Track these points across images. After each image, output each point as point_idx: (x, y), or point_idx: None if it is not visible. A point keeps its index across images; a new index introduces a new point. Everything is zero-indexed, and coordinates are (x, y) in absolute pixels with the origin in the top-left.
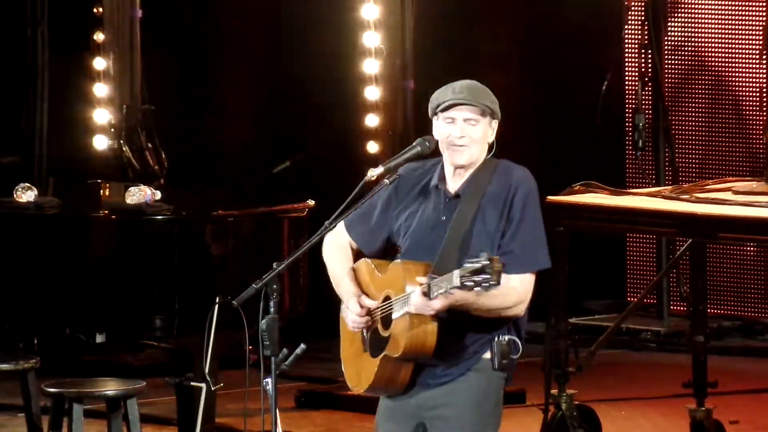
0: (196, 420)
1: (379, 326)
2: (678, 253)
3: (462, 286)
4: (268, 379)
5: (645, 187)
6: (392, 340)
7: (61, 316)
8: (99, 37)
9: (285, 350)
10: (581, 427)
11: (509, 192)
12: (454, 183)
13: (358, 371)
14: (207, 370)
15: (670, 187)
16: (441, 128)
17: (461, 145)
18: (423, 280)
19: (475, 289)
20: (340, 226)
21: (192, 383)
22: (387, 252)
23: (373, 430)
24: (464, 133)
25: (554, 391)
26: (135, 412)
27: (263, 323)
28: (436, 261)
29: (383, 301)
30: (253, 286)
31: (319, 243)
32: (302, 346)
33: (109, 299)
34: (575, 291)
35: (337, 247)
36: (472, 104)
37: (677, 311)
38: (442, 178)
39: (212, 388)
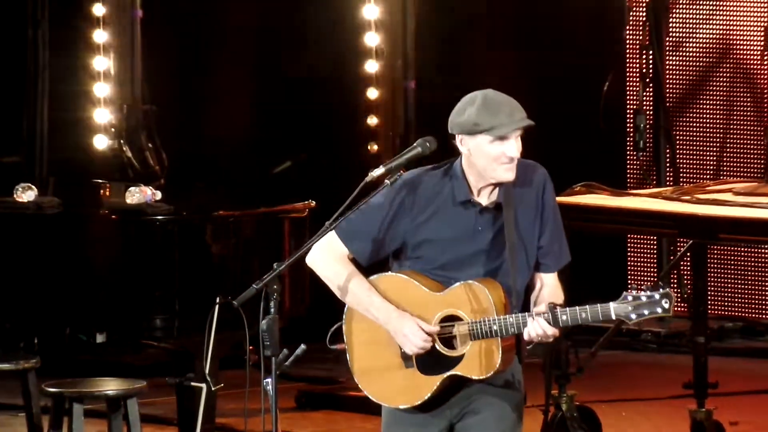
0: (196, 420)
1: (439, 345)
2: (679, 254)
3: (624, 319)
4: (269, 380)
5: (646, 188)
6: (474, 360)
7: (61, 316)
8: (100, 37)
9: (285, 351)
10: (581, 428)
11: (538, 192)
12: (485, 194)
13: (397, 387)
14: (207, 371)
15: (671, 188)
16: (488, 148)
17: (511, 163)
18: (541, 308)
19: (637, 319)
20: (334, 237)
21: (192, 383)
22: (381, 263)
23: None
24: (518, 149)
25: (555, 392)
26: (135, 412)
27: (264, 323)
28: (510, 279)
29: (443, 321)
30: (254, 286)
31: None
32: (302, 346)
33: (109, 299)
34: (576, 292)
35: (338, 258)
36: (527, 125)
37: (678, 312)
38: (466, 189)
39: (212, 389)
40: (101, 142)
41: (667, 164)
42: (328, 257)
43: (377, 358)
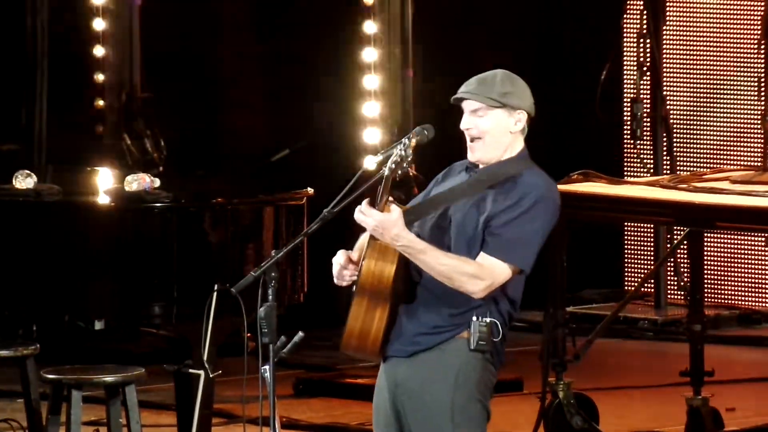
0: (194, 407)
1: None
2: (676, 242)
3: (394, 168)
4: (267, 367)
5: (643, 176)
6: (359, 276)
7: (60, 303)
8: (99, 25)
9: (283, 338)
10: (578, 415)
11: (525, 190)
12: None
13: None
14: (205, 358)
15: (667, 176)
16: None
17: (472, 138)
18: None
19: (404, 164)
20: None
21: (190, 370)
22: None
23: None
24: (471, 124)
25: (552, 380)
26: (133, 399)
27: (262, 311)
28: (413, 205)
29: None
30: (252, 273)
31: (317, 231)
32: (300, 333)
33: (108, 286)
34: (573, 280)
35: None
36: (473, 100)
37: (674, 300)
38: (475, 163)
39: (210, 376)
40: (100, 130)
41: (664, 152)
42: None
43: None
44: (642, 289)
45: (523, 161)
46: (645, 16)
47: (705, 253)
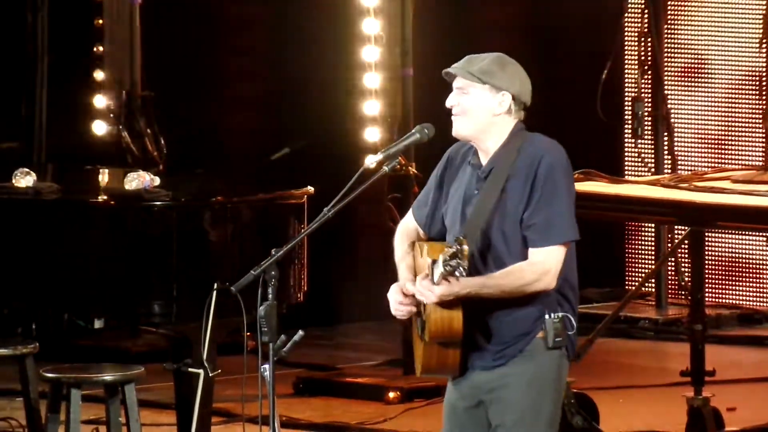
0: (193, 406)
1: (422, 309)
2: (677, 241)
3: (446, 273)
4: (266, 366)
5: (644, 176)
6: (426, 324)
7: (59, 302)
8: (99, 22)
9: (283, 337)
10: (579, 415)
11: (533, 164)
12: (483, 158)
13: (416, 355)
14: (205, 356)
15: (669, 175)
16: None
17: (454, 115)
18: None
19: (455, 273)
20: (411, 209)
21: (190, 369)
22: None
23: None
24: (455, 101)
25: None
26: (133, 398)
27: (262, 310)
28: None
29: None
30: (252, 272)
31: (318, 230)
32: (300, 332)
33: (107, 285)
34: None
35: (402, 232)
36: (457, 74)
37: (675, 300)
38: (476, 153)
39: (210, 374)
40: (100, 128)
41: (665, 152)
42: (398, 229)
43: (413, 329)
44: (643, 289)
45: (518, 136)
46: (646, 15)
47: (706, 252)
